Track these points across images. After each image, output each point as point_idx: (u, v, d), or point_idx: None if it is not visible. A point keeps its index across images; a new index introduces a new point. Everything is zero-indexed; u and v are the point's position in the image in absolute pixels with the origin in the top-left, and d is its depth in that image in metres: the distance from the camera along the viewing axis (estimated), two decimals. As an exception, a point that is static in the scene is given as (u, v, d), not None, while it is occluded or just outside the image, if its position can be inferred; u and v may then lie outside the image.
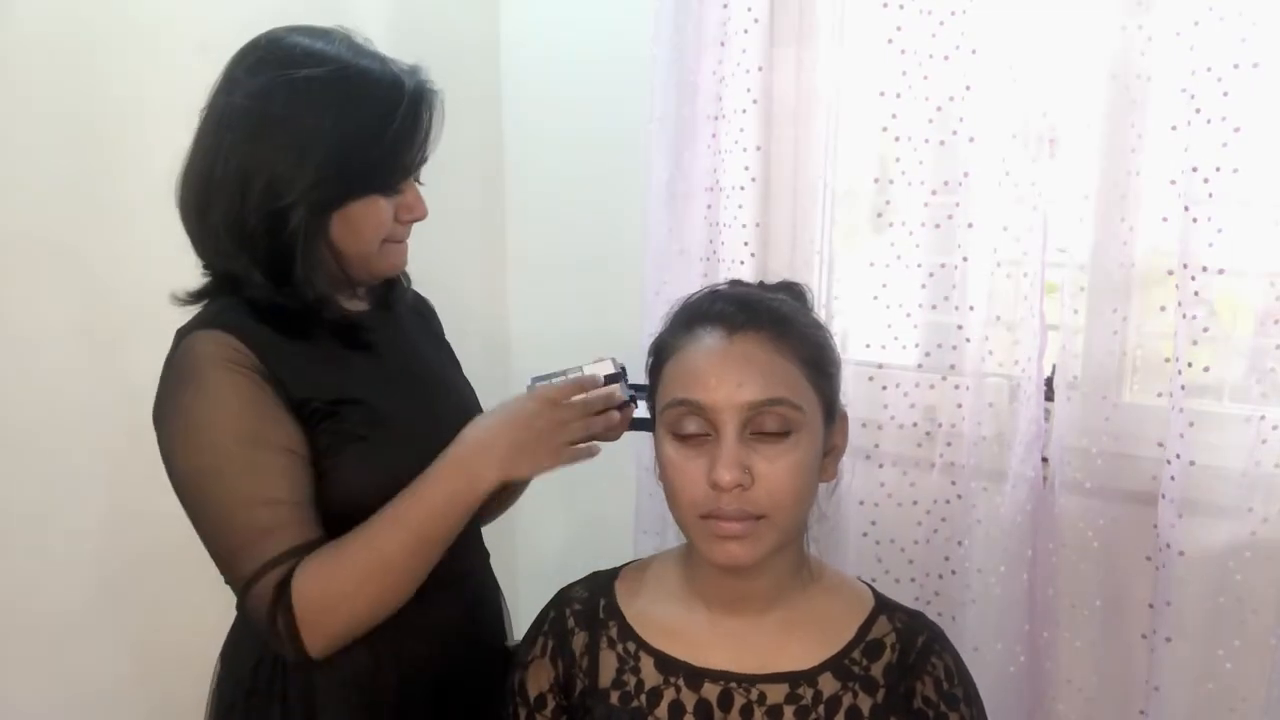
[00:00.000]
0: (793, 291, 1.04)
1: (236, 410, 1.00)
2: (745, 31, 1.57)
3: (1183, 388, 1.28)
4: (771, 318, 0.93)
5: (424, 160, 1.10)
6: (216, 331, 1.02)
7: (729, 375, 0.89)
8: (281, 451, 1.01)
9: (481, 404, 1.24)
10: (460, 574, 1.17)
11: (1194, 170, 1.25)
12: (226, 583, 1.02)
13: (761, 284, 1.06)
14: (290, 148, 1.01)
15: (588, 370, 1.14)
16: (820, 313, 1.06)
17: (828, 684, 0.94)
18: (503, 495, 1.20)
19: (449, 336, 1.35)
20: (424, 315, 1.33)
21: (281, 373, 1.03)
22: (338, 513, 1.04)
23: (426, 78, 1.09)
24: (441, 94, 1.10)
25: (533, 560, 1.91)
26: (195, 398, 1.00)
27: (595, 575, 1.07)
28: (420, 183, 1.13)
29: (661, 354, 0.98)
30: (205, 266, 1.09)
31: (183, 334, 1.04)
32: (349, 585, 0.99)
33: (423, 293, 1.32)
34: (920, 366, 1.55)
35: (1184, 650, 1.33)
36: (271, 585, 0.98)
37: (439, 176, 1.14)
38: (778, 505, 0.89)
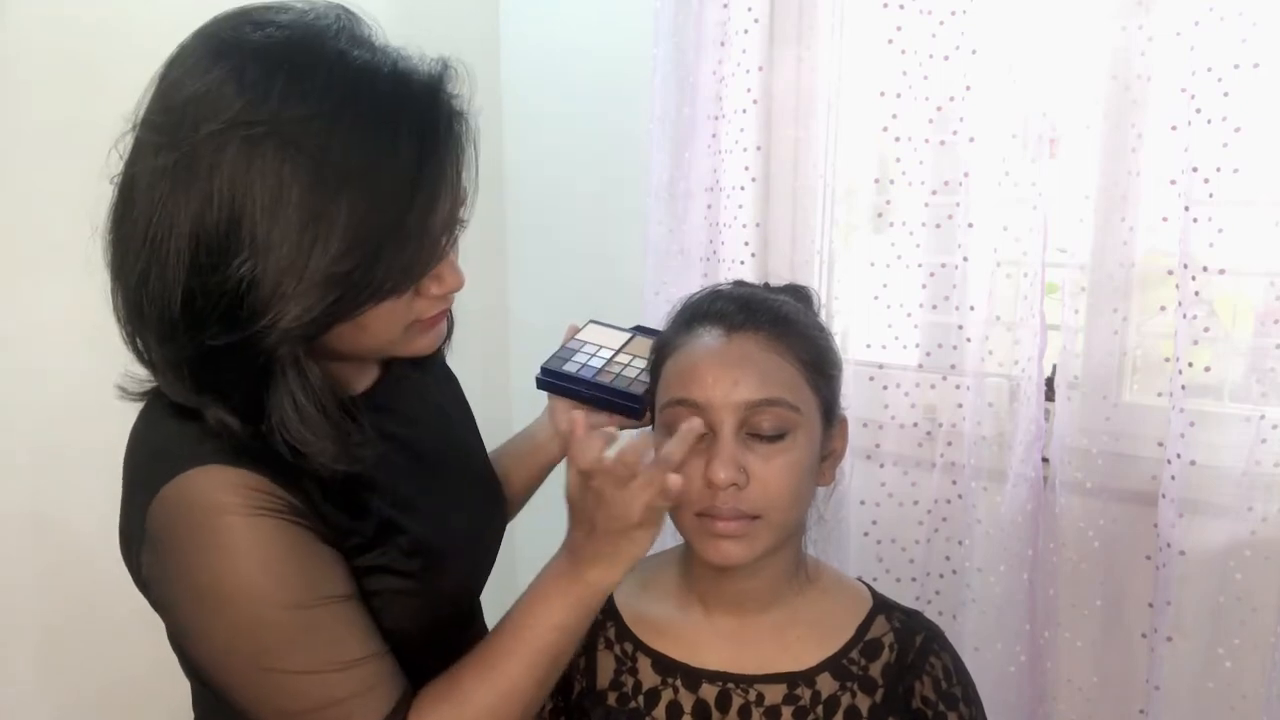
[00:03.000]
0: (798, 294, 1.03)
1: (279, 569, 0.78)
2: (745, 31, 1.57)
3: (1183, 387, 1.28)
4: (771, 318, 0.93)
5: (457, 220, 0.80)
6: (215, 468, 0.76)
7: (726, 374, 0.89)
8: (343, 601, 0.81)
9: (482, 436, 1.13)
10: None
11: (1194, 170, 1.25)
12: None
13: (766, 285, 1.06)
14: (288, 237, 0.71)
15: (595, 354, 1.15)
16: (821, 313, 1.05)
17: (826, 684, 0.94)
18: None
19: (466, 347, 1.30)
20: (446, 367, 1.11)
21: (317, 500, 0.82)
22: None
23: (454, 90, 0.80)
24: (462, 93, 0.82)
25: (532, 560, 1.91)
26: (222, 564, 0.76)
27: (594, 576, 1.07)
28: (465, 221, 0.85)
29: (661, 352, 0.98)
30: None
31: (161, 476, 0.77)
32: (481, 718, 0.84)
33: None
34: (921, 366, 1.55)
35: (1184, 649, 1.33)
36: None
37: None
38: (773, 505, 0.89)
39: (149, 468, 0.80)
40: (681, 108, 1.66)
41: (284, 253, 0.71)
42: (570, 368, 1.16)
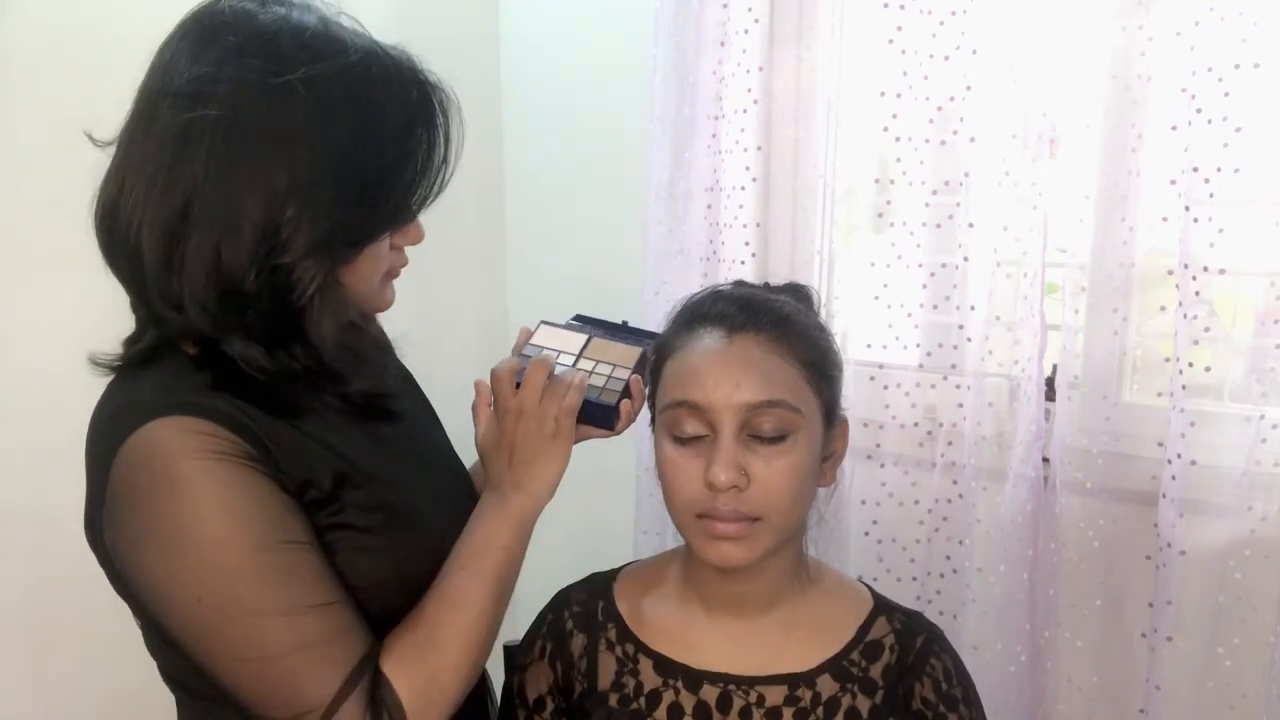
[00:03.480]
0: (798, 294, 1.03)
1: (243, 509, 0.79)
2: (746, 31, 1.57)
3: (1184, 387, 1.28)
4: (772, 319, 0.93)
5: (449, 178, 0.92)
6: (173, 418, 0.79)
7: (727, 376, 0.89)
8: (308, 547, 0.83)
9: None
10: None
11: (1195, 170, 1.25)
12: None
13: (767, 285, 1.05)
14: (297, 179, 0.80)
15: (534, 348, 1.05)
16: (821, 313, 1.05)
17: (826, 685, 0.94)
18: None
19: (449, 337, 1.32)
20: (408, 378, 1.14)
21: (271, 447, 0.83)
22: None
23: (428, 69, 0.91)
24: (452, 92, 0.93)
25: (532, 561, 1.91)
26: (184, 509, 0.78)
27: (594, 577, 1.07)
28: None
29: (662, 353, 0.98)
30: (152, 323, 0.86)
31: (120, 435, 0.79)
32: (452, 657, 0.86)
33: (423, 293, 1.28)
34: (921, 366, 1.55)
35: (1184, 649, 1.33)
36: (364, 700, 0.81)
37: None
38: (773, 507, 0.89)
39: (105, 432, 0.82)
40: (681, 108, 1.66)
41: (299, 198, 0.81)
42: None
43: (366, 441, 0.93)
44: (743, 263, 1.62)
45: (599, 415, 1.00)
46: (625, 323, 1.14)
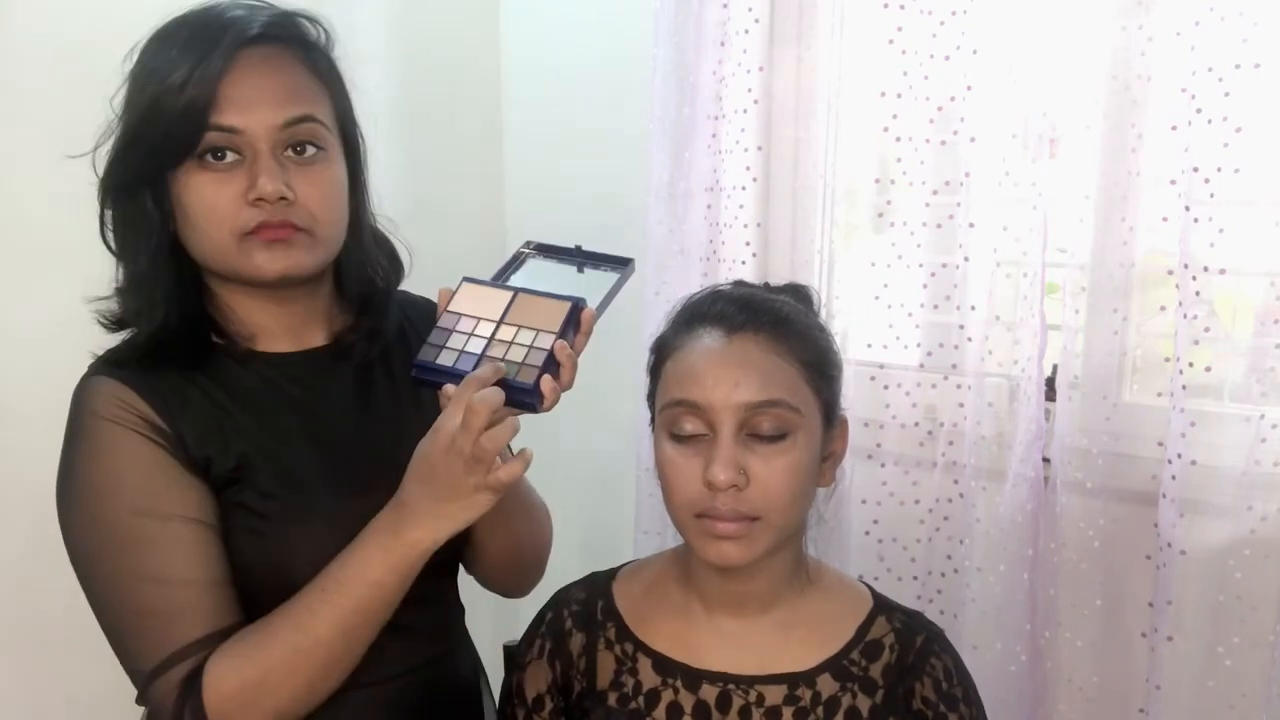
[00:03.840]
0: (798, 294, 1.03)
1: (129, 476, 0.88)
2: (746, 32, 1.57)
3: (1184, 387, 1.28)
4: (772, 319, 0.93)
5: (210, 104, 0.89)
6: (107, 380, 0.91)
7: (726, 375, 0.89)
8: (185, 523, 0.89)
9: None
10: (410, 650, 1.02)
11: (1195, 170, 1.25)
12: (127, 674, 0.89)
13: (766, 285, 1.05)
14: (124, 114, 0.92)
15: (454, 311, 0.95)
16: (821, 313, 1.05)
17: (826, 685, 0.94)
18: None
19: None
20: (406, 347, 1.09)
21: (182, 426, 0.91)
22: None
23: (260, 16, 0.93)
24: (296, 33, 0.95)
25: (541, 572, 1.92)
26: (86, 460, 0.89)
27: (593, 576, 1.07)
28: (298, 151, 0.93)
29: (662, 352, 0.98)
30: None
31: (82, 379, 0.93)
32: (274, 675, 0.86)
33: (422, 291, 1.27)
34: (922, 366, 1.55)
35: (1184, 648, 1.33)
36: (178, 680, 0.85)
37: (439, 176, 1.13)
38: (772, 506, 0.89)
39: (86, 373, 0.94)
40: (681, 108, 1.66)
41: (123, 123, 0.92)
42: (445, 358, 0.93)
43: (283, 426, 0.97)
44: (743, 263, 1.62)
45: (519, 398, 0.89)
46: (578, 247, 1.05)
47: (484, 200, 2.03)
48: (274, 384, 0.99)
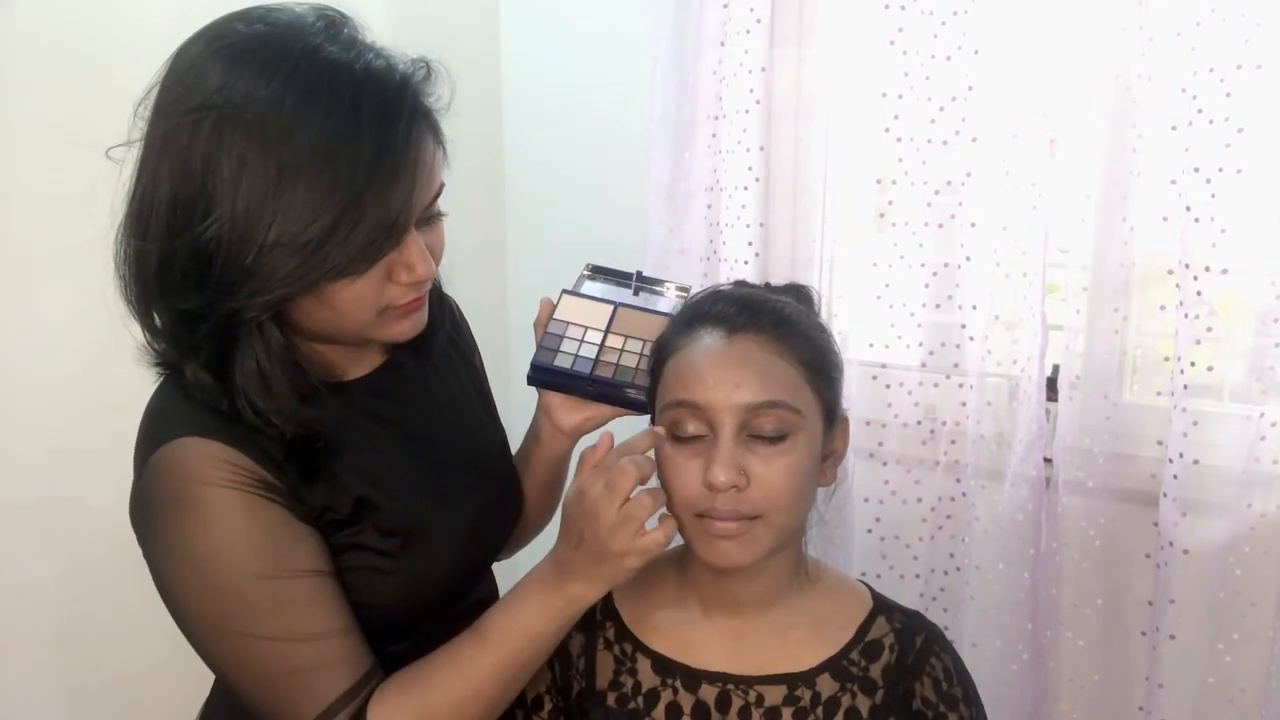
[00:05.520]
0: (799, 294, 1.03)
1: (247, 540, 0.83)
2: (747, 32, 1.57)
3: (1185, 387, 1.28)
4: (772, 319, 0.93)
5: (419, 205, 0.83)
6: (199, 440, 0.83)
7: (727, 376, 0.89)
8: (314, 576, 0.86)
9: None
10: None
11: (1195, 170, 1.25)
12: None
13: (768, 285, 1.05)
14: (251, 208, 0.76)
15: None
16: (822, 313, 1.05)
17: (826, 685, 0.94)
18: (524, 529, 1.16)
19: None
20: (458, 347, 1.12)
21: (294, 478, 0.87)
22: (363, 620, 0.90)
23: (425, 89, 0.84)
24: (435, 94, 0.86)
25: (531, 559, 1.91)
26: (194, 531, 0.82)
27: (594, 576, 1.07)
28: (444, 214, 0.91)
29: (662, 352, 0.98)
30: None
31: (154, 443, 0.84)
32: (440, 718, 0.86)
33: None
34: (923, 366, 1.56)
35: (1184, 645, 1.33)
36: None
37: None
38: (773, 507, 0.89)
39: (146, 434, 0.86)
40: (681, 107, 1.66)
41: (245, 224, 0.76)
42: (562, 361, 1.04)
43: (390, 452, 0.95)
44: (745, 263, 1.62)
45: (634, 398, 1.01)
46: (639, 273, 1.15)
47: (483, 200, 2.03)
48: (366, 410, 0.95)
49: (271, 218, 0.76)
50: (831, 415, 0.96)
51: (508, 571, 1.13)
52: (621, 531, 0.83)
